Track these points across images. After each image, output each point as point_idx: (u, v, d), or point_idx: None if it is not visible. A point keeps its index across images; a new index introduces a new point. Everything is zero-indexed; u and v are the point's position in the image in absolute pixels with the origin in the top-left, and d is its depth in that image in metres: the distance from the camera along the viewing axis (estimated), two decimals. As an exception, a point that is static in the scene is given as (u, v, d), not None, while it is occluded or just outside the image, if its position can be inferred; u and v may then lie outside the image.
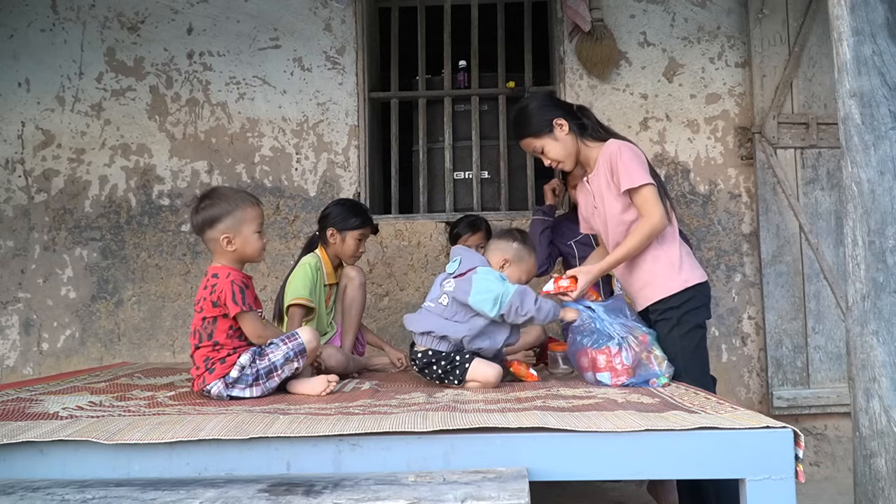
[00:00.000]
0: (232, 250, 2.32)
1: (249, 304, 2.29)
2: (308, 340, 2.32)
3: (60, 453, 1.68)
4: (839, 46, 1.97)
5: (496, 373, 2.38)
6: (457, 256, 2.50)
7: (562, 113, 2.57)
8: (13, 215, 3.91)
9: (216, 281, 2.30)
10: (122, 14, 3.95)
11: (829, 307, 3.67)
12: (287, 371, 2.30)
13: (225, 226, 2.31)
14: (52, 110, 3.94)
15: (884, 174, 1.90)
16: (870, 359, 1.88)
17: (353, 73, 3.92)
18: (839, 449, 3.66)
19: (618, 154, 2.45)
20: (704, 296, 2.51)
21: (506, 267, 2.48)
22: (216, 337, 2.29)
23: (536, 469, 1.64)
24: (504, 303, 2.34)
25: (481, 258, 2.50)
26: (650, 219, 2.42)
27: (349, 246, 3.03)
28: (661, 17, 3.88)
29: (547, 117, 2.55)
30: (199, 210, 2.34)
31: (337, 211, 3.08)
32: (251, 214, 2.34)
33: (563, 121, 2.55)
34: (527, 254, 2.52)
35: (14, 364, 3.85)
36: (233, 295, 2.26)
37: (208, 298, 2.30)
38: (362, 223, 3.06)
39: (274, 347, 2.30)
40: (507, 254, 2.49)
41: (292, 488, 1.50)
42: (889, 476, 1.82)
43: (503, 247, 2.51)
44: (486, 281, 2.36)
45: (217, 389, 2.26)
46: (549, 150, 2.58)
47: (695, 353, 2.47)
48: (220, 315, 2.29)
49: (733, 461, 1.66)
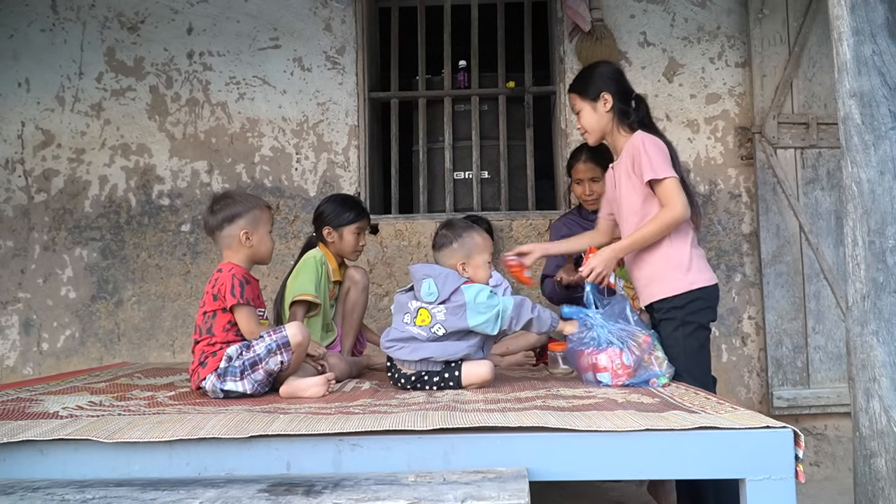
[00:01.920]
0: (249, 246, 2.43)
1: (248, 299, 2.34)
2: (293, 334, 2.31)
3: (60, 453, 1.68)
4: (839, 46, 1.97)
5: (489, 367, 2.39)
6: (425, 278, 2.38)
7: (615, 91, 2.57)
8: (13, 215, 3.91)
9: (219, 275, 2.38)
10: (122, 14, 3.95)
11: (829, 307, 3.67)
12: (272, 364, 2.29)
13: (245, 222, 2.43)
14: (52, 110, 3.94)
15: (884, 174, 1.90)
16: (870, 359, 1.88)
17: (353, 73, 3.92)
18: (839, 449, 3.66)
19: (641, 146, 2.46)
20: (711, 298, 2.49)
21: (466, 268, 2.42)
22: (214, 330, 2.34)
23: (536, 469, 1.64)
24: (504, 318, 2.34)
25: (453, 274, 2.40)
26: (672, 209, 2.41)
27: (348, 242, 2.94)
28: (661, 17, 3.88)
29: (600, 87, 2.58)
30: (218, 209, 2.44)
31: (329, 208, 2.99)
32: (266, 215, 2.50)
33: (611, 98, 2.56)
34: (468, 239, 2.44)
35: (14, 364, 3.85)
36: (231, 288, 2.32)
37: (210, 292, 2.37)
38: (357, 216, 2.97)
39: (259, 340, 2.32)
40: (456, 257, 2.42)
41: (292, 488, 1.50)
42: (889, 476, 1.82)
43: (448, 254, 2.44)
44: (479, 301, 2.32)
45: (211, 384, 2.29)
46: (585, 116, 2.62)
47: (697, 354, 2.47)
48: (219, 309, 2.34)
49: (733, 461, 1.66)
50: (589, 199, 3.27)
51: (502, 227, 3.82)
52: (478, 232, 2.49)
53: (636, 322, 2.44)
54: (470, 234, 2.45)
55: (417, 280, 2.42)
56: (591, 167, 3.22)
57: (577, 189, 3.31)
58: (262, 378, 2.30)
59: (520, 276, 2.68)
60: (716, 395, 2.28)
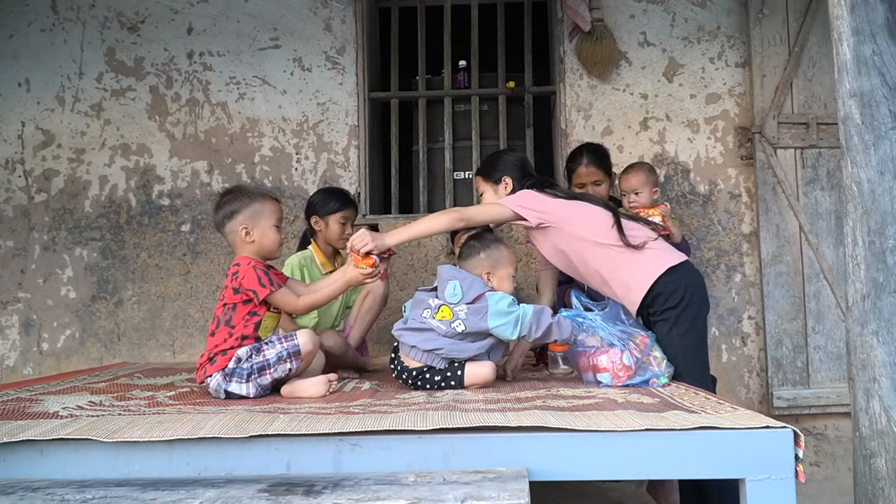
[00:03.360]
0: (251, 241, 2.41)
1: (277, 283, 2.37)
2: (304, 343, 2.31)
3: (60, 453, 1.68)
4: (839, 46, 1.97)
5: (490, 368, 2.40)
6: (451, 280, 2.43)
7: (517, 177, 2.71)
8: (13, 215, 3.91)
9: (237, 269, 2.37)
10: (122, 14, 3.95)
11: (829, 307, 3.67)
12: (280, 371, 2.29)
13: (244, 217, 2.41)
14: (52, 110, 3.94)
15: (884, 174, 1.90)
16: (870, 359, 1.88)
17: (353, 73, 3.92)
18: (839, 449, 3.66)
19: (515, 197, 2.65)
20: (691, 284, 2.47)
21: (492, 278, 2.47)
22: (233, 322, 2.33)
23: (536, 469, 1.64)
24: (524, 324, 2.35)
25: (479, 281, 2.45)
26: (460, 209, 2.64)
27: (333, 230, 3.10)
28: (661, 17, 3.88)
29: (501, 171, 2.73)
30: (220, 206, 2.45)
31: (317, 198, 3.18)
32: (269, 208, 2.45)
33: (511, 182, 2.71)
34: (496, 251, 2.51)
35: (14, 364, 3.85)
36: (258, 279, 2.33)
37: (230, 286, 2.36)
38: (342, 205, 3.13)
39: (270, 345, 2.31)
40: (483, 267, 2.48)
41: (292, 488, 1.50)
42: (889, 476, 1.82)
43: (475, 264, 2.50)
44: (501, 307, 2.35)
45: (216, 383, 2.28)
46: (485, 198, 2.78)
47: (695, 352, 2.47)
48: (240, 301, 2.35)
49: (733, 461, 1.66)
50: None
51: (502, 228, 3.81)
52: (505, 245, 2.56)
53: (632, 324, 2.45)
54: (497, 247, 2.53)
55: (444, 280, 2.45)
56: (594, 170, 3.21)
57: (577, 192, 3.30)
58: (268, 384, 2.30)
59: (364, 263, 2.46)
60: (716, 395, 2.28)
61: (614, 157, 3.53)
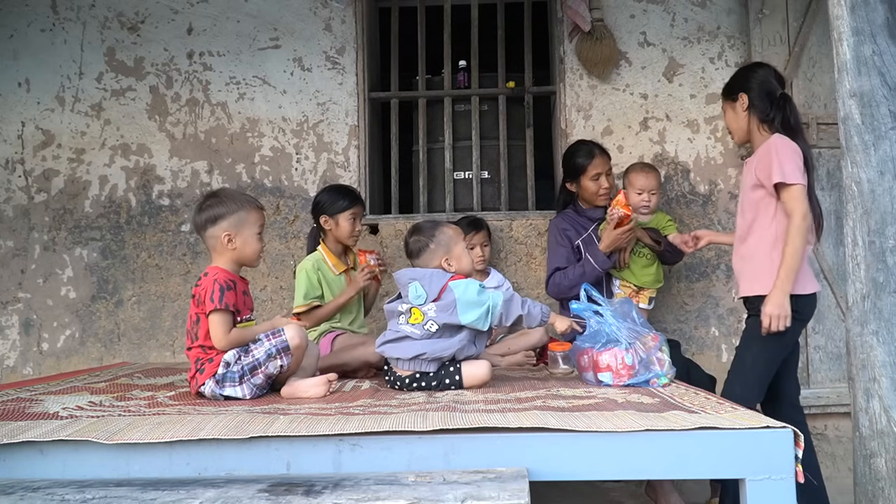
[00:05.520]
0: (232, 249, 2.37)
1: (227, 304, 2.28)
2: (291, 337, 2.31)
3: (60, 453, 1.68)
4: (839, 46, 1.97)
5: (487, 367, 2.41)
6: (410, 282, 2.42)
7: (755, 91, 2.65)
8: (13, 215, 3.91)
9: (204, 279, 2.34)
10: (122, 14, 3.95)
11: (829, 307, 3.67)
12: (272, 368, 2.29)
13: (228, 224, 2.36)
14: (52, 110, 3.94)
15: (884, 174, 1.90)
16: (870, 359, 1.88)
17: (353, 73, 3.92)
18: (839, 449, 3.66)
19: (775, 147, 2.53)
20: (801, 306, 2.52)
21: (451, 262, 2.48)
22: (199, 335, 2.31)
23: (536, 469, 1.64)
24: (494, 314, 2.37)
25: (438, 272, 2.44)
26: (794, 219, 2.47)
27: (343, 228, 3.12)
28: (661, 17, 3.88)
29: (739, 86, 2.70)
30: (204, 208, 2.40)
31: (325, 197, 3.19)
32: (254, 217, 2.40)
33: (747, 98, 2.66)
34: (441, 235, 2.50)
35: (14, 364, 3.85)
36: (212, 293, 2.28)
37: (195, 297, 2.34)
38: (351, 203, 3.15)
39: (258, 344, 2.30)
40: (437, 256, 2.48)
41: (292, 488, 1.50)
42: (889, 476, 1.82)
43: (429, 257, 2.49)
44: (468, 297, 2.36)
45: (210, 389, 2.27)
46: (726, 116, 2.78)
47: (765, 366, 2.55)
48: (202, 313, 2.31)
49: (733, 461, 1.66)
50: (605, 194, 3.28)
51: (502, 227, 3.82)
52: (446, 225, 2.56)
53: (642, 324, 2.45)
54: (441, 230, 2.52)
55: (403, 285, 2.46)
56: (606, 160, 3.30)
57: (591, 186, 3.29)
58: (262, 382, 2.29)
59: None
60: (716, 395, 2.28)
61: (614, 157, 3.54)
